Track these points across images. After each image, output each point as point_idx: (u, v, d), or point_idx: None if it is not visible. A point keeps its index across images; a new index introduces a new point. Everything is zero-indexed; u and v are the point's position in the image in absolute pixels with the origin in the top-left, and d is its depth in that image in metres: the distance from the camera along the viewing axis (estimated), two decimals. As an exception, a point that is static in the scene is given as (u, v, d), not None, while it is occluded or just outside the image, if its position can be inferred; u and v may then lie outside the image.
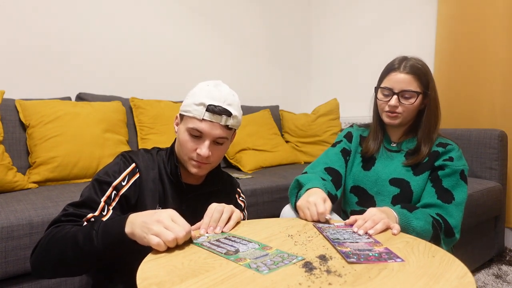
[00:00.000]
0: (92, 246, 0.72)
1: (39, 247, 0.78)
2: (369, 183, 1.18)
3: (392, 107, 1.10)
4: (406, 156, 1.15)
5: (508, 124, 2.02)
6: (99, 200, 0.84)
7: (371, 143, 1.21)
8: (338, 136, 1.31)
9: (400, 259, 0.66)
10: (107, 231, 0.73)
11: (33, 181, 1.51)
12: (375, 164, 1.19)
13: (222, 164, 2.25)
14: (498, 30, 2.04)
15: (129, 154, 0.95)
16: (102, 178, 0.88)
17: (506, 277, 1.75)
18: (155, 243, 0.66)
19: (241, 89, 2.76)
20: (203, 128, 0.87)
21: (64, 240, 0.75)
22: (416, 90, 1.08)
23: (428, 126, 1.12)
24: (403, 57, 1.12)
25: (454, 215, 1.04)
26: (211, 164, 0.93)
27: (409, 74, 1.07)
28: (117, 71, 2.16)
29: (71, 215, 0.82)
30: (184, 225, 0.70)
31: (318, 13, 3.20)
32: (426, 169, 1.11)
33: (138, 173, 0.92)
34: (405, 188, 1.11)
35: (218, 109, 0.86)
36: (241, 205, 1.08)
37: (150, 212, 0.73)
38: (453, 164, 1.08)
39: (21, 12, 1.82)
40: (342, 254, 0.67)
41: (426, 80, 1.09)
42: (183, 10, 2.44)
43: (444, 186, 1.07)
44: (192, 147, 0.89)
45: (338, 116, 2.57)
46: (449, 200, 1.05)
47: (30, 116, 1.60)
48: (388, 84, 1.11)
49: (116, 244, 0.72)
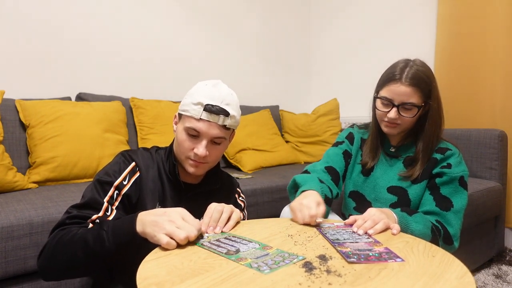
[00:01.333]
0: (104, 246, 0.72)
1: (46, 251, 0.78)
2: (367, 189, 1.17)
3: (391, 119, 1.06)
4: (405, 163, 1.13)
5: (508, 124, 2.02)
6: (102, 201, 0.84)
7: (369, 158, 1.18)
8: (339, 136, 1.29)
9: (400, 259, 0.66)
10: (118, 231, 0.73)
11: (33, 181, 1.51)
12: (374, 170, 1.17)
13: (222, 164, 2.25)
14: (498, 30, 2.04)
15: (128, 153, 0.95)
16: (103, 178, 0.87)
17: (506, 277, 1.75)
18: (165, 243, 0.67)
19: (241, 89, 2.75)
20: (200, 127, 0.87)
21: (72, 243, 0.75)
22: (417, 104, 1.03)
23: (429, 137, 1.09)
24: (405, 63, 1.06)
25: (453, 223, 1.03)
26: (208, 164, 0.93)
27: (411, 86, 1.02)
28: (117, 71, 2.16)
29: (75, 217, 0.81)
30: (195, 224, 0.71)
31: (318, 13, 3.20)
32: (424, 178, 1.09)
33: (138, 172, 0.92)
34: (402, 196, 1.10)
35: (215, 109, 0.86)
36: (240, 205, 1.08)
37: (160, 211, 0.73)
38: (451, 172, 1.05)
39: (21, 12, 1.82)
40: (342, 254, 0.67)
41: (428, 90, 1.05)
42: (183, 10, 2.44)
43: (442, 193, 1.06)
44: (190, 146, 0.89)
45: (338, 116, 2.57)
46: (448, 207, 1.04)
47: (30, 116, 1.60)
48: (387, 94, 1.05)
49: (128, 243, 0.72)
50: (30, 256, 1.08)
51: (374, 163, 1.18)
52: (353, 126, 1.30)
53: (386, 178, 1.14)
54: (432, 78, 1.06)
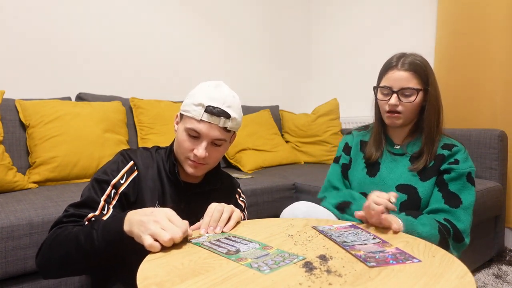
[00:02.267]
0: (93, 245, 0.72)
1: (44, 249, 0.79)
2: (375, 189, 1.14)
3: (392, 106, 1.07)
4: (411, 160, 1.12)
5: (508, 124, 2.02)
6: (99, 200, 0.85)
7: (373, 149, 1.18)
8: (338, 149, 1.30)
9: (416, 259, 0.65)
10: (107, 230, 0.73)
11: (33, 181, 1.51)
12: (380, 169, 1.16)
13: (222, 164, 2.25)
14: (498, 30, 2.04)
15: (127, 152, 0.95)
16: (100, 177, 0.88)
17: (506, 277, 1.75)
18: (148, 245, 0.66)
19: (241, 89, 2.75)
20: (200, 129, 0.87)
21: (67, 241, 0.75)
22: (416, 87, 1.05)
23: (430, 124, 1.09)
24: (401, 54, 1.10)
25: (463, 219, 1.03)
26: (208, 165, 0.93)
27: (408, 71, 1.05)
28: (117, 71, 2.16)
29: (72, 215, 0.82)
30: (181, 225, 0.70)
31: (318, 13, 3.20)
32: (433, 174, 1.08)
33: (136, 171, 0.92)
34: (412, 194, 1.08)
35: (216, 111, 0.86)
36: (241, 205, 1.08)
37: (147, 210, 0.72)
38: (458, 167, 1.06)
39: (21, 12, 1.82)
40: (360, 259, 0.65)
41: (425, 75, 1.07)
42: (184, 10, 2.44)
43: (451, 190, 1.05)
44: (189, 147, 0.89)
45: (338, 116, 2.57)
46: (457, 204, 1.04)
47: (30, 116, 1.60)
48: (387, 82, 1.08)
49: (116, 242, 0.72)
50: (30, 256, 1.08)
51: (378, 154, 1.17)
52: (351, 133, 1.29)
53: (393, 176, 1.13)
54: (428, 67, 1.09)
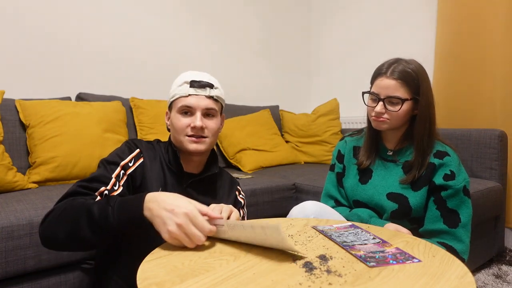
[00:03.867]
0: (108, 222, 0.71)
1: (52, 217, 0.77)
2: (366, 197, 1.15)
3: (378, 113, 1.06)
4: (403, 168, 1.11)
5: (508, 124, 2.02)
6: (110, 176, 0.87)
7: (364, 157, 1.17)
8: (332, 156, 1.31)
9: (417, 259, 0.65)
10: (124, 210, 0.72)
11: (33, 181, 1.51)
12: (372, 177, 1.15)
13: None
14: (498, 30, 2.04)
15: (133, 141, 0.99)
16: (109, 159, 0.91)
17: (506, 277, 1.75)
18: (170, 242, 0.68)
19: (241, 89, 2.76)
20: (190, 102, 0.93)
21: (78, 213, 0.74)
22: (403, 97, 1.03)
23: (420, 134, 1.07)
24: (394, 60, 1.07)
25: (463, 238, 1.04)
26: (208, 139, 0.96)
27: (396, 79, 1.02)
28: (117, 71, 2.16)
29: (85, 187, 0.83)
30: (204, 227, 0.68)
31: (318, 13, 3.20)
32: (424, 184, 1.07)
33: (142, 158, 0.96)
34: (403, 203, 1.08)
35: (201, 83, 0.94)
36: (241, 202, 1.10)
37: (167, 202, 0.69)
38: (455, 184, 1.04)
39: (21, 12, 1.82)
40: (360, 259, 0.65)
41: (415, 85, 1.04)
42: (184, 10, 2.44)
43: (449, 207, 1.05)
44: (186, 123, 0.94)
45: (338, 116, 2.57)
46: (456, 223, 1.04)
47: (30, 116, 1.60)
48: (375, 89, 1.07)
49: (134, 225, 0.72)
50: (30, 256, 1.07)
51: (369, 162, 1.16)
52: (343, 139, 1.28)
53: (385, 184, 1.12)
54: (421, 76, 1.05)
